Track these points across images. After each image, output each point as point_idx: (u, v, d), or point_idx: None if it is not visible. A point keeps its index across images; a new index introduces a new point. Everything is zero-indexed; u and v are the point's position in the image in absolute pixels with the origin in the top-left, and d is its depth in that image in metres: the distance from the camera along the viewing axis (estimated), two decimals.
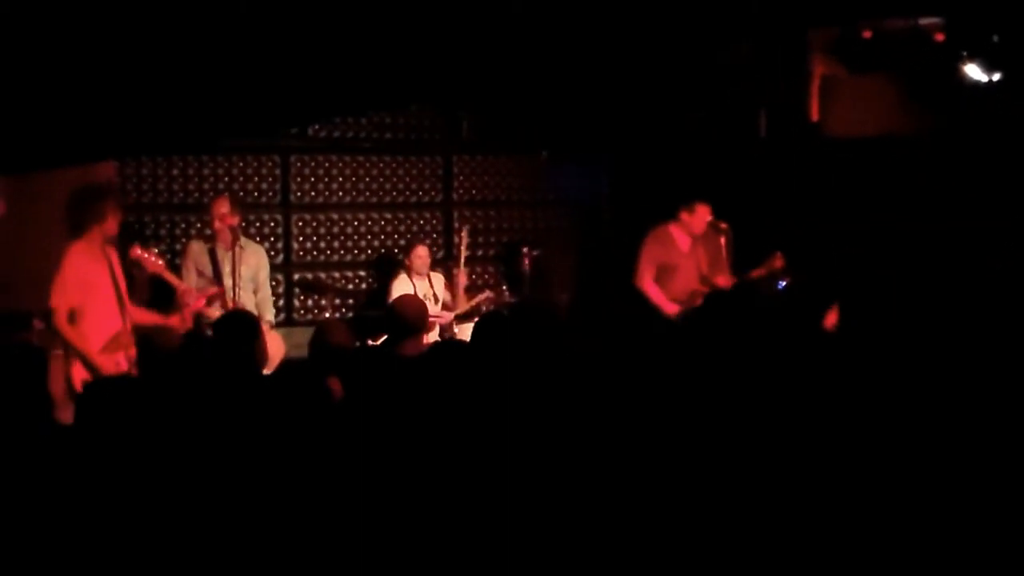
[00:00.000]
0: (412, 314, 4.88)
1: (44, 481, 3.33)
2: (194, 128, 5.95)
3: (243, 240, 7.02)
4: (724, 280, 7.25)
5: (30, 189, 6.93)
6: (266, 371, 5.04)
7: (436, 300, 7.93)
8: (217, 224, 6.91)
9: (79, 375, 5.69)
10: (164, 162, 8.08)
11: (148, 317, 6.12)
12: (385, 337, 5.72)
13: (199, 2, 4.80)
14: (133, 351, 5.78)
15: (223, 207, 6.93)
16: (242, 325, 4.62)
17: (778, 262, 7.10)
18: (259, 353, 4.68)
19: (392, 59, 5.53)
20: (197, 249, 7.05)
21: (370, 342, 7.46)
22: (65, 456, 3.51)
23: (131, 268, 6.35)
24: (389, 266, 8.67)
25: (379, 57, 5.45)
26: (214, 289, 6.66)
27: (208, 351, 4.33)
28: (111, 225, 5.94)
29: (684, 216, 7.43)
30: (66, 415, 5.64)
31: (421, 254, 7.99)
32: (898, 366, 3.79)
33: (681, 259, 7.44)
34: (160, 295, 6.70)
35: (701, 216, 7.40)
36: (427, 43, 5.59)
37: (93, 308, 5.78)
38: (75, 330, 5.72)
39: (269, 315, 7.17)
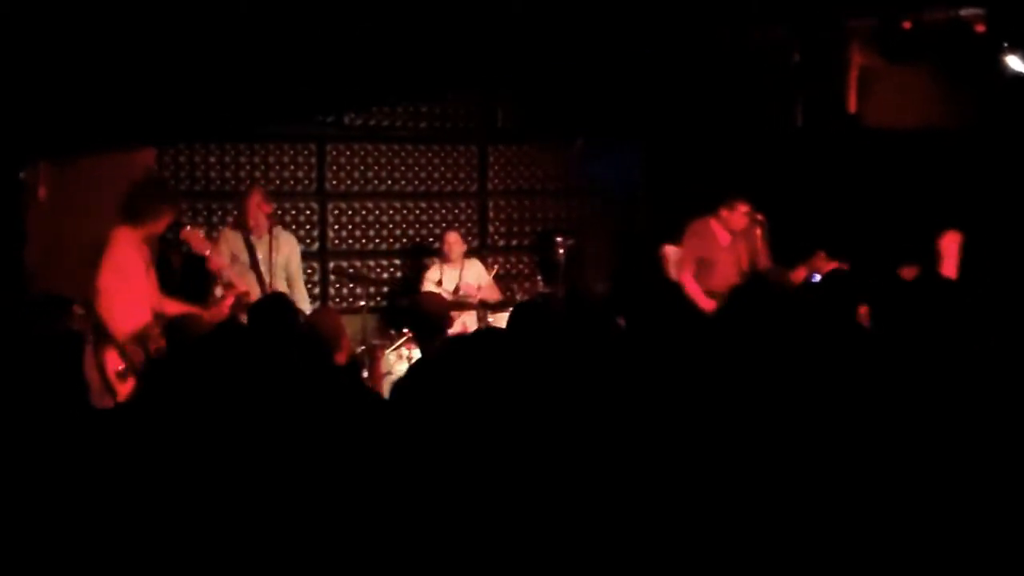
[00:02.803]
0: (434, 311, 4.86)
1: (81, 466, 3.37)
2: (231, 113, 5.99)
3: (276, 228, 7.10)
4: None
5: (71, 176, 7.01)
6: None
7: (458, 291, 7.94)
8: (251, 213, 7.00)
9: (113, 365, 5.75)
10: (202, 149, 8.15)
11: (183, 308, 6.17)
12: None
13: None
14: (158, 345, 5.84)
15: (256, 199, 7.02)
16: (280, 307, 4.64)
17: (820, 261, 7.03)
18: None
19: (426, 46, 5.54)
20: (231, 236, 7.13)
21: (405, 332, 7.50)
22: (109, 438, 3.55)
23: (168, 253, 6.42)
24: (422, 255, 8.71)
25: (413, 44, 5.46)
26: (239, 289, 6.67)
27: (243, 335, 4.35)
28: (162, 225, 6.05)
29: (724, 213, 7.41)
30: (103, 401, 5.74)
31: (452, 240, 8.00)
32: (932, 360, 3.76)
33: (721, 254, 7.42)
34: (191, 284, 6.77)
35: (740, 213, 7.38)
36: (460, 29, 5.58)
37: (123, 297, 5.85)
38: (109, 314, 5.78)
39: (304, 303, 7.22)
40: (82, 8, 4.52)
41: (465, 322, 7.62)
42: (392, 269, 8.86)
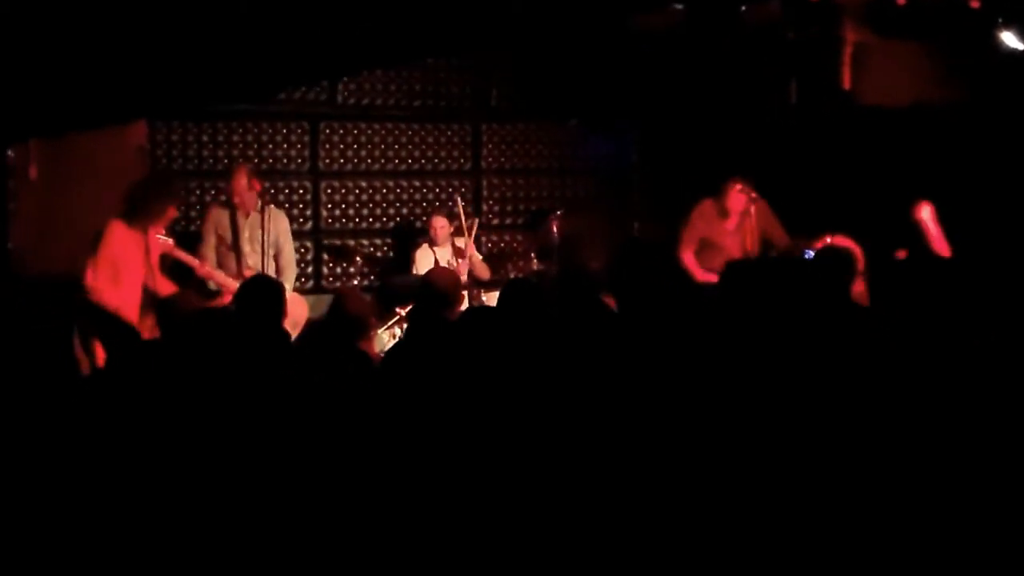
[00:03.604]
0: (447, 286, 4.85)
1: (68, 445, 3.37)
2: (224, 81, 5.95)
3: (267, 207, 7.08)
4: (785, 242, 7.27)
5: (62, 155, 6.98)
6: (292, 334, 5.07)
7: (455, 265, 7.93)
8: (238, 191, 6.99)
9: (102, 353, 5.76)
10: (194, 128, 8.12)
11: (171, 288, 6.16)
12: (412, 306, 5.72)
13: None
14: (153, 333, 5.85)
15: (242, 179, 7.01)
16: (266, 289, 4.63)
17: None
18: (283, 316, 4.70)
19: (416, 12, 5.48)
20: (217, 213, 7.14)
21: (398, 310, 7.49)
22: (96, 420, 3.54)
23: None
24: (409, 236, 8.69)
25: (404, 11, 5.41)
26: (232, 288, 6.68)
27: (231, 315, 4.35)
28: (163, 223, 6.04)
29: (724, 193, 7.36)
30: None
31: (438, 225, 7.98)
32: (927, 339, 3.74)
33: (725, 236, 7.38)
34: (180, 271, 6.75)
35: (734, 195, 7.31)
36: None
37: (119, 289, 5.85)
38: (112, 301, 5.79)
39: (289, 282, 7.19)
40: None
41: (450, 261, 7.68)
42: (385, 248, 8.84)
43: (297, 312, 6.71)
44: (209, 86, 5.77)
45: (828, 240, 6.82)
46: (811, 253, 6.43)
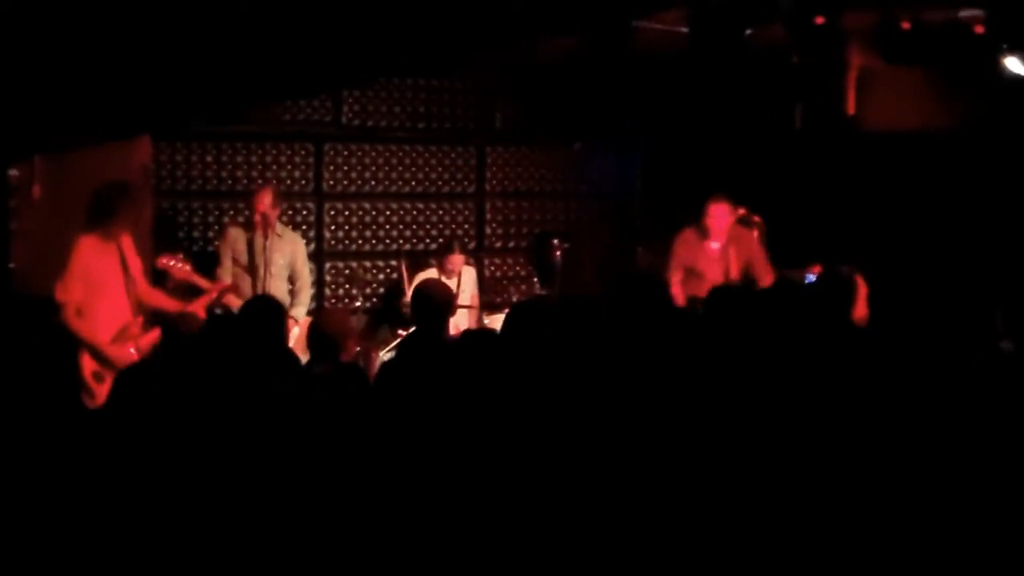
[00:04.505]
0: (439, 296, 4.85)
1: (70, 462, 3.35)
2: (227, 94, 5.95)
3: (280, 228, 7.09)
4: (767, 279, 7.03)
5: (66, 175, 6.98)
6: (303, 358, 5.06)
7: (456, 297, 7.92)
8: (258, 216, 6.97)
9: (89, 366, 5.76)
10: (198, 148, 8.13)
11: (166, 302, 6.14)
12: (414, 329, 5.72)
13: None
14: (144, 341, 5.83)
15: (267, 198, 7.00)
16: (268, 310, 4.63)
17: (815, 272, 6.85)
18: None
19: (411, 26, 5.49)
20: (235, 235, 7.13)
21: (400, 333, 7.48)
22: (92, 439, 3.53)
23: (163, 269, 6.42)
24: (419, 256, 8.68)
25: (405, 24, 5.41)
26: (222, 284, 6.66)
27: (232, 335, 4.34)
28: (123, 221, 5.99)
29: (703, 216, 7.19)
30: (88, 400, 5.74)
31: (456, 261, 7.92)
32: (927, 361, 3.74)
33: (709, 263, 7.22)
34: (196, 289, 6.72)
35: (716, 216, 7.12)
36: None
37: (100, 302, 5.86)
38: (84, 323, 5.77)
39: (304, 305, 7.15)
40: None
41: (458, 324, 7.59)
42: (389, 270, 8.83)
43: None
44: (210, 99, 5.77)
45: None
46: (812, 277, 6.42)
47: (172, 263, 6.35)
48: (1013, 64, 7.09)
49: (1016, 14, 6.88)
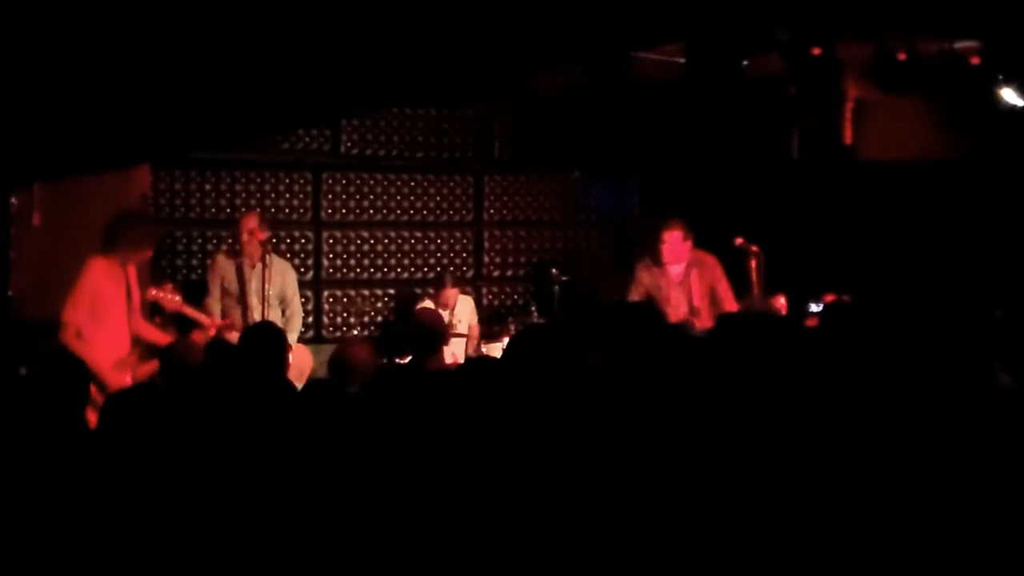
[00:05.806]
0: (432, 325, 4.86)
1: (69, 486, 3.34)
2: (227, 124, 5.98)
3: (270, 257, 7.01)
4: (730, 305, 6.96)
5: (65, 201, 7.00)
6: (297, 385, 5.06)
7: (451, 326, 7.92)
8: (245, 239, 6.94)
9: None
10: (197, 177, 8.14)
11: (156, 335, 6.12)
12: (410, 357, 5.74)
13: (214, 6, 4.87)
14: (142, 371, 5.81)
15: (252, 222, 6.96)
16: (269, 337, 4.63)
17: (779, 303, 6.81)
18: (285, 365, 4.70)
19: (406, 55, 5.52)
20: (224, 264, 7.08)
21: (397, 361, 7.47)
22: (89, 463, 3.52)
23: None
24: (417, 285, 8.69)
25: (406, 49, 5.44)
26: (223, 321, 6.65)
27: (233, 363, 4.34)
28: (141, 254, 6.02)
29: (658, 246, 7.15)
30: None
31: (451, 294, 7.96)
32: (924, 391, 3.73)
33: (671, 290, 7.14)
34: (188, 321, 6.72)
35: (669, 242, 7.07)
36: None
37: (102, 326, 5.85)
38: (84, 345, 5.74)
39: (294, 334, 7.10)
40: (73, 25, 4.53)
41: (455, 352, 7.59)
42: (387, 299, 8.83)
43: (302, 362, 6.68)
44: (209, 128, 5.80)
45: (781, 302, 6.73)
46: (816, 307, 6.42)
47: (162, 295, 6.29)
48: (1008, 95, 7.15)
49: (1011, 45, 6.94)
